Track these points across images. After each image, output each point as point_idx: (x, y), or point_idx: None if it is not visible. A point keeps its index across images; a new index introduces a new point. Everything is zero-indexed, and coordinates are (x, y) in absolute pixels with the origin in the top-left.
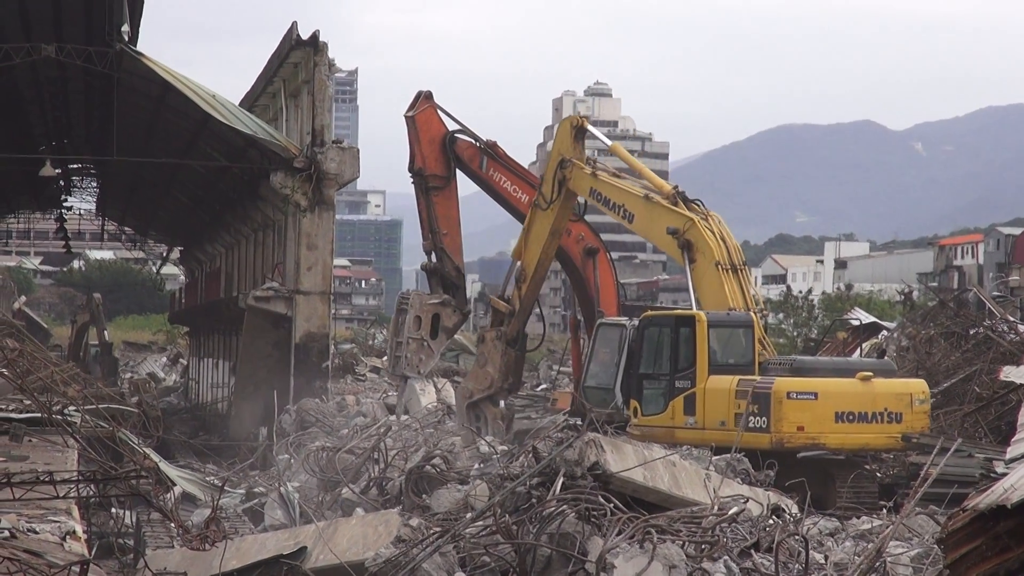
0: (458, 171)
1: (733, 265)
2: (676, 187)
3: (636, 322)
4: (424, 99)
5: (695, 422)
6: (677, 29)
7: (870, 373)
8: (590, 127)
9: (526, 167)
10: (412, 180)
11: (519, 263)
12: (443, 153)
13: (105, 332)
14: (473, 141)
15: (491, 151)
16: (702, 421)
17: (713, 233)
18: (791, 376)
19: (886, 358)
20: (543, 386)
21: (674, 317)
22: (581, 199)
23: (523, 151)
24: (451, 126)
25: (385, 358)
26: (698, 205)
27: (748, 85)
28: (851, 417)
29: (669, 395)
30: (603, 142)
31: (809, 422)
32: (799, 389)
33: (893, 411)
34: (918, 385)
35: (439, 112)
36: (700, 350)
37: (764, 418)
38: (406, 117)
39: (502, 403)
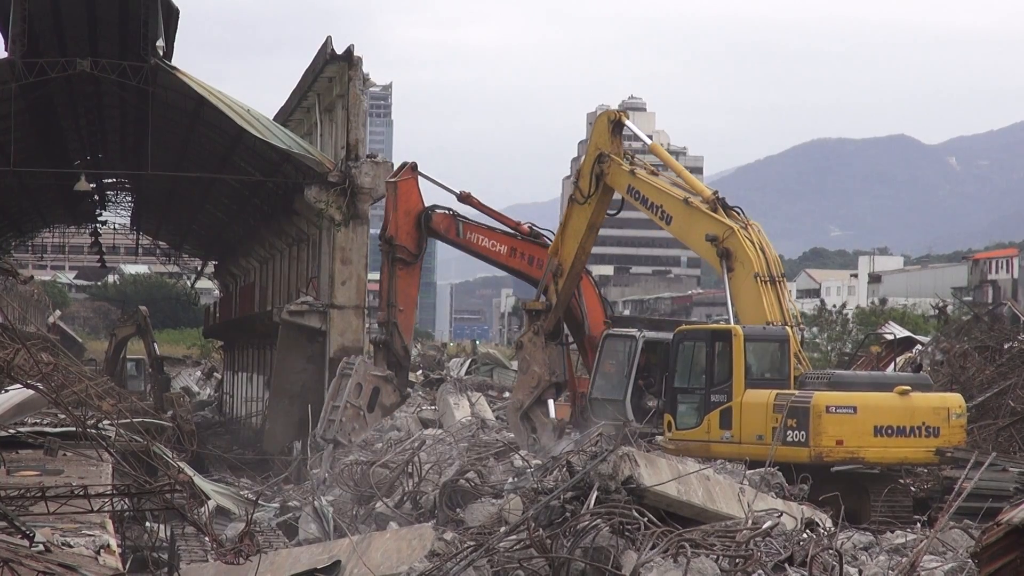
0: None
1: (772, 277)
2: (716, 193)
3: (646, 334)
4: (408, 169)
5: (731, 436)
6: (712, 44)
7: (908, 387)
8: (628, 122)
9: (503, 213)
10: (380, 246)
11: (555, 259)
12: (416, 229)
13: (155, 345)
14: (447, 211)
15: (465, 201)
16: (738, 435)
17: (753, 243)
18: (829, 390)
19: (922, 372)
20: None
21: (710, 331)
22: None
23: (557, 164)
24: (432, 186)
25: (322, 421)
26: (738, 213)
27: (782, 99)
28: (890, 431)
29: (705, 409)
30: (642, 139)
31: (848, 436)
32: (838, 403)
33: (931, 425)
34: (955, 399)
35: (419, 186)
36: (736, 364)
37: (803, 432)
38: (387, 183)
39: (552, 409)
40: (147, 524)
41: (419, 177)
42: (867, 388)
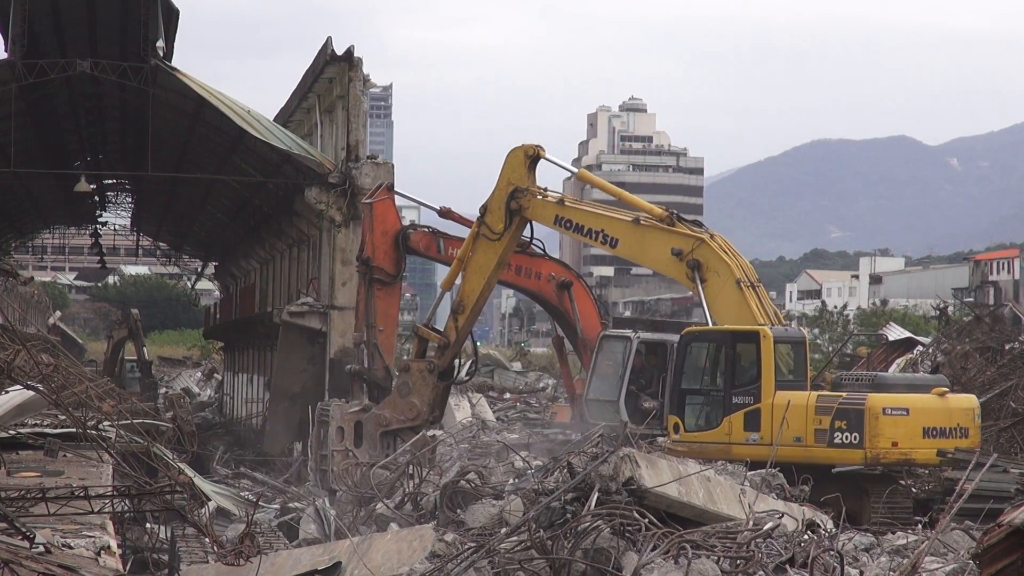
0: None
1: (751, 283)
2: (668, 209)
3: (641, 335)
4: (384, 189)
5: (759, 438)
6: (712, 44)
7: (945, 389)
8: (547, 156)
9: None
10: (357, 267)
11: (457, 294)
12: (394, 250)
13: (144, 349)
14: (427, 229)
15: (447, 216)
16: (768, 437)
17: (725, 251)
18: (873, 392)
19: (939, 374)
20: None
21: (730, 332)
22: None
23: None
24: (409, 206)
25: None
26: (700, 226)
27: (783, 100)
28: (935, 432)
29: (724, 411)
30: (567, 170)
31: (902, 438)
32: (893, 405)
33: (963, 426)
34: (974, 400)
35: (396, 206)
36: (766, 366)
37: (856, 434)
38: (363, 204)
39: (425, 432)
40: (147, 525)
41: (396, 195)
42: (905, 390)
